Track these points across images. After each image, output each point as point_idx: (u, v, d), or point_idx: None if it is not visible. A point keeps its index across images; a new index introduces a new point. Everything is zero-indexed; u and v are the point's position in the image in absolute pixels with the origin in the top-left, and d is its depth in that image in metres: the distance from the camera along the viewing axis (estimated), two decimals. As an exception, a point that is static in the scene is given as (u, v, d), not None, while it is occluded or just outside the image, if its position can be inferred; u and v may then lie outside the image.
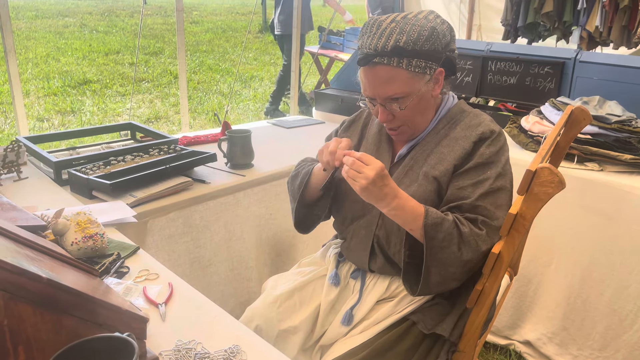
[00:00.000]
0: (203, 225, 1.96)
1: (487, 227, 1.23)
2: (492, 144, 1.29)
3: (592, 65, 2.51)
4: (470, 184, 1.26)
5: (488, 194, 1.25)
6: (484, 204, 1.24)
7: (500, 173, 1.27)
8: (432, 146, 1.34)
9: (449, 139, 1.33)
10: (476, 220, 1.23)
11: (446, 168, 1.29)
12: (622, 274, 1.93)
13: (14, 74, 2.94)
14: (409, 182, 1.33)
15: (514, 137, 2.30)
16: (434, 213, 1.22)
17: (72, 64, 8.32)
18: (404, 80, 1.24)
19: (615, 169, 2.01)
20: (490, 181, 1.25)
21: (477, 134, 1.30)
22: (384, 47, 1.22)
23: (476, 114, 1.36)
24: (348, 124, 1.55)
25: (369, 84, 1.28)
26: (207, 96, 6.93)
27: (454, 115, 1.36)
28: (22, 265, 0.78)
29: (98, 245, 1.36)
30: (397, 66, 1.23)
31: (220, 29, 13.02)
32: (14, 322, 0.78)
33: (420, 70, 1.24)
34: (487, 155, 1.27)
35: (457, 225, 1.21)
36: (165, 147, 2.11)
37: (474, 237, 1.22)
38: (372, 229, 1.38)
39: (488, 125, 1.32)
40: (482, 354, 2.24)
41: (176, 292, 1.25)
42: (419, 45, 1.22)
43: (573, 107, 1.56)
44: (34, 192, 1.80)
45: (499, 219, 1.24)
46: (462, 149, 1.29)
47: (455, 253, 1.21)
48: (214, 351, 1.04)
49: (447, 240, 1.20)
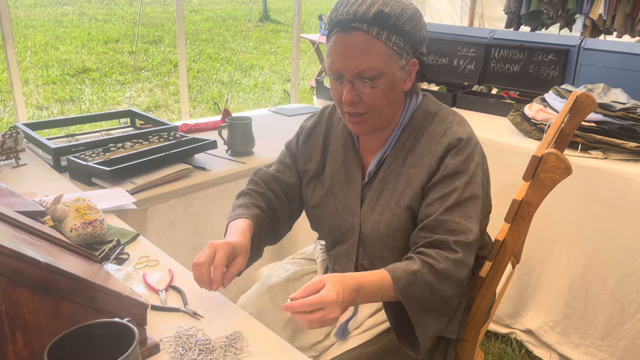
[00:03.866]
0: (204, 212, 1.95)
1: (461, 246, 1.12)
2: (458, 153, 1.17)
3: (597, 52, 2.49)
4: (437, 198, 1.16)
5: (456, 206, 1.14)
6: (452, 217, 1.13)
7: (468, 181, 1.16)
8: (399, 164, 1.23)
9: (414, 157, 1.21)
10: (447, 243, 1.12)
11: (415, 192, 1.19)
12: (625, 263, 1.91)
13: (12, 61, 2.91)
14: (381, 209, 1.23)
15: (517, 125, 2.28)
16: (401, 272, 1.09)
17: (71, 53, 8.26)
18: (380, 55, 1.11)
19: (619, 156, 1.99)
20: (457, 192, 1.15)
21: (442, 147, 1.18)
22: (365, 13, 1.10)
23: (441, 118, 1.23)
24: (307, 133, 1.38)
25: (340, 55, 1.13)
26: (207, 85, 6.89)
27: (418, 121, 1.24)
28: (21, 249, 0.77)
29: (97, 232, 1.35)
30: (376, 36, 1.10)
31: (220, 17, 12.93)
32: (12, 307, 0.77)
33: (398, 50, 1.13)
34: (453, 166, 1.16)
35: (430, 268, 1.10)
36: (165, 134, 2.09)
37: (452, 268, 1.10)
38: (353, 258, 1.29)
39: (454, 132, 1.19)
40: (483, 343, 2.23)
41: (177, 278, 1.24)
42: (401, 21, 1.12)
43: (578, 93, 1.54)
44: (32, 178, 1.79)
45: (472, 231, 1.14)
46: (429, 167, 1.18)
47: (439, 296, 1.12)
48: (215, 337, 1.03)
49: (427, 292, 1.10)
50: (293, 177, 1.38)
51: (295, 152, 1.40)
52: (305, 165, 1.37)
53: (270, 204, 1.35)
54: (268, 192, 1.36)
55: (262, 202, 1.33)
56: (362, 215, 1.26)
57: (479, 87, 2.85)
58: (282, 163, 1.41)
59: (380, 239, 1.23)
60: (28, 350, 0.79)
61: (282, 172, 1.39)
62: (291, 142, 1.43)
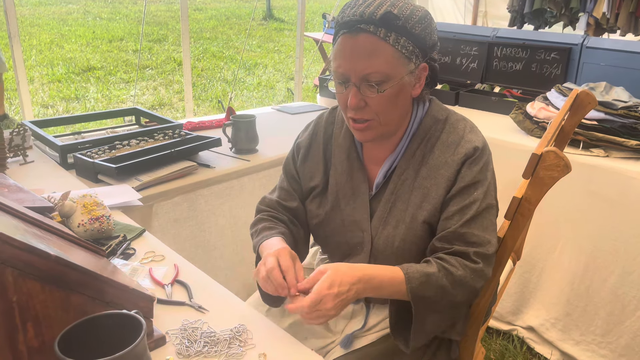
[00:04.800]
0: (208, 209, 1.97)
1: (482, 258, 1.10)
2: (474, 163, 1.14)
3: (599, 51, 2.50)
4: (456, 211, 1.13)
5: (475, 218, 1.12)
6: (471, 230, 1.11)
7: (486, 192, 1.14)
8: (412, 175, 1.18)
9: (428, 168, 1.17)
10: (467, 254, 1.10)
11: (434, 206, 1.15)
12: (626, 261, 1.93)
13: (18, 59, 2.94)
14: (395, 223, 1.18)
15: (519, 123, 2.29)
16: (415, 272, 1.07)
17: (75, 51, 8.31)
18: (387, 57, 1.07)
19: (620, 155, 2.00)
20: (477, 204, 1.12)
21: (459, 158, 1.14)
22: (372, 14, 1.06)
23: (452, 125, 1.19)
24: (304, 152, 1.31)
25: (346, 57, 1.08)
26: (210, 83, 6.91)
27: (427, 129, 1.19)
28: (31, 242, 0.79)
29: (104, 227, 1.37)
30: (383, 38, 1.06)
31: (224, 15, 12.95)
32: (23, 298, 0.79)
33: (407, 53, 1.09)
34: (471, 177, 1.14)
35: (447, 274, 1.08)
36: (170, 131, 2.11)
37: (470, 276, 1.09)
38: None
39: (469, 141, 1.16)
40: (485, 339, 2.25)
41: (182, 273, 1.26)
42: (410, 23, 1.07)
43: (578, 91, 1.55)
44: (39, 175, 1.81)
45: (491, 242, 1.13)
46: (446, 180, 1.15)
47: (450, 301, 1.10)
48: (220, 330, 1.05)
49: (439, 295, 1.08)
50: (294, 201, 1.32)
51: (294, 175, 1.33)
52: (309, 182, 1.30)
53: (287, 226, 1.29)
54: (281, 215, 1.30)
55: (280, 224, 1.27)
56: (373, 229, 1.20)
57: (481, 85, 2.86)
58: (282, 189, 1.34)
59: (395, 253, 1.19)
60: (38, 340, 0.81)
61: (283, 199, 1.33)
62: (288, 164, 1.35)
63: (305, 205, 1.32)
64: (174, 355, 0.99)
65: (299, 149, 1.33)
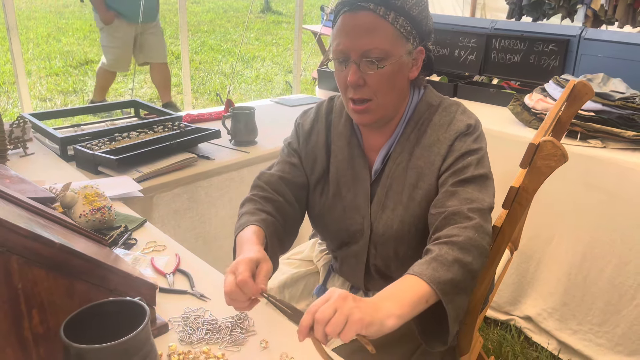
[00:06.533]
0: (208, 200, 1.98)
1: (476, 212, 1.06)
2: (467, 135, 1.16)
3: (597, 42, 2.50)
4: (450, 174, 1.13)
5: (469, 181, 1.11)
6: (464, 189, 1.10)
7: (480, 159, 1.14)
8: (406, 157, 1.20)
9: (421, 148, 1.19)
10: (462, 212, 1.05)
11: (429, 184, 1.16)
12: (622, 251, 1.94)
13: (17, 52, 2.94)
14: (393, 205, 1.19)
15: (517, 114, 2.30)
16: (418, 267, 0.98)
17: (73, 44, 8.28)
18: (387, 35, 1.10)
19: (618, 145, 2.02)
20: (471, 168, 1.12)
21: (451, 135, 1.16)
22: None
23: (445, 108, 1.21)
24: (306, 134, 1.32)
25: (347, 34, 1.11)
26: (209, 76, 6.90)
27: (422, 113, 1.22)
28: (35, 230, 0.80)
29: (106, 218, 1.38)
30: (383, 16, 1.09)
31: (222, 8, 12.90)
32: (28, 285, 0.80)
33: (405, 33, 1.12)
34: (464, 147, 1.15)
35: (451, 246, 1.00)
36: (169, 123, 2.12)
37: (473, 235, 1.03)
38: (363, 259, 1.26)
39: (461, 120, 1.18)
40: (482, 329, 2.27)
41: (183, 263, 1.28)
42: (408, 5, 1.11)
43: (575, 82, 1.56)
44: (40, 167, 1.82)
45: (486, 200, 1.10)
46: (440, 157, 1.16)
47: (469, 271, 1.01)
48: (222, 318, 1.07)
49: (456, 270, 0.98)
50: (302, 176, 1.30)
51: (299, 152, 1.32)
52: (311, 168, 1.30)
53: (279, 208, 1.23)
54: (276, 195, 1.25)
55: (268, 206, 1.22)
56: (373, 214, 1.22)
57: (479, 77, 2.87)
58: (287, 163, 1.30)
59: (394, 237, 1.20)
60: (43, 327, 0.83)
61: (288, 173, 1.28)
62: (292, 141, 1.34)
63: (308, 195, 1.32)
64: (176, 342, 1.01)
65: (300, 129, 1.33)
